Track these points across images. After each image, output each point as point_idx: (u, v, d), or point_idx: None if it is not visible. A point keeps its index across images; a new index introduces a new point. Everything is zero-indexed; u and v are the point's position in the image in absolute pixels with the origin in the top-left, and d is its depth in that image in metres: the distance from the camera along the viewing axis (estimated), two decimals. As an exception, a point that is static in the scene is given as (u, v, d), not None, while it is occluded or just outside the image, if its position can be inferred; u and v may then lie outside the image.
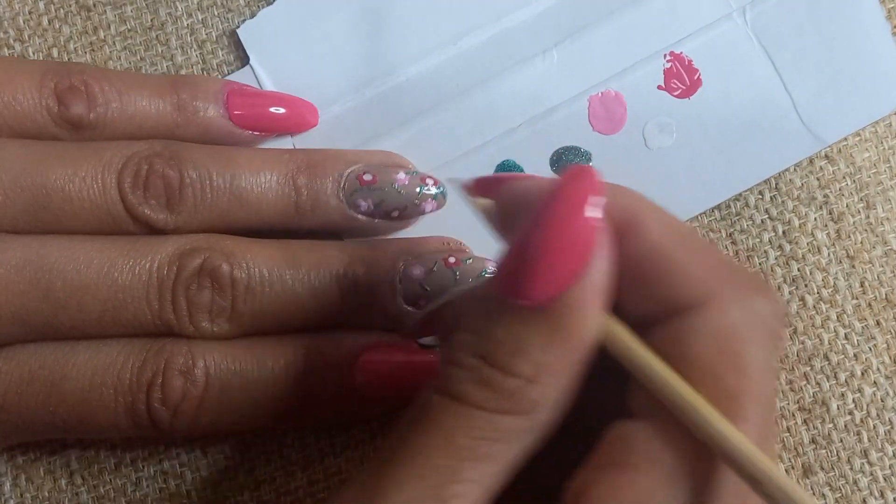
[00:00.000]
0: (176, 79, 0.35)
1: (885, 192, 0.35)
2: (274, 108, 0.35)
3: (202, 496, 0.34)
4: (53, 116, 0.33)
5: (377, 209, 0.33)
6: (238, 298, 0.32)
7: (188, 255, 0.32)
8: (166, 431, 0.31)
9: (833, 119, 0.35)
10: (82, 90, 0.33)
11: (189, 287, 0.31)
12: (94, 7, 0.38)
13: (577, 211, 0.23)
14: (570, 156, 0.36)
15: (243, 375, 0.32)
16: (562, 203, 0.23)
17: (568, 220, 0.23)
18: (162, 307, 0.31)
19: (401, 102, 0.36)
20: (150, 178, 0.32)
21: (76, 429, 0.32)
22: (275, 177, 0.33)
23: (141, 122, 0.34)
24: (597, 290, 0.23)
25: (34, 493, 0.35)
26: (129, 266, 0.31)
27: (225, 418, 0.32)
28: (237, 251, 0.32)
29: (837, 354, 0.34)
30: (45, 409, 0.31)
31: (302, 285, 0.32)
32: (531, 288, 0.23)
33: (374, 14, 0.37)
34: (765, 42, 0.35)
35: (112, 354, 0.31)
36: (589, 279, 0.23)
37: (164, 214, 0.32)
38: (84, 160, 0.32)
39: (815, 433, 0.34)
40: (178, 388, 0.31)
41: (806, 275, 0.35)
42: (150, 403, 0.31)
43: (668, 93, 0.35)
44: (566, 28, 0.36)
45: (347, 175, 0.33)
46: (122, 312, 0.31)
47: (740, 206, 0.35)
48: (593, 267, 0.23)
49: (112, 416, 0.31)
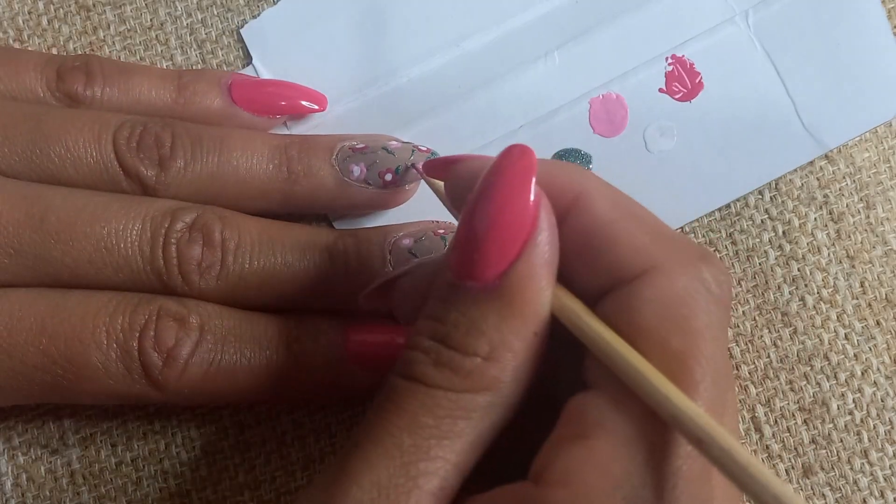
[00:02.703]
0: (179, 70, 0.36)
1: (885, 192, 0.36)
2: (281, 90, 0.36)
3: (202, 496, 0.34)
4: (52, 90, 0.34)
5: (370, 172, 0.34)
6: (227, 256, 0.32)
7: (182, 210, 0.32)
8: (157, 382, 0.31)
9: (835, 124, 0.35)
10: (82, 69, 0.34)
11: (180, 238, 0.31)
12: (94, 7, 0.38)
13: (515, 189, 0.24)
14: (571, 158, 0.36)
15: (237, 333, 0.31)
16: (499, 183, 0.24)
17: (507, 198, 0.24)
18: (153, 255, 0.31)
19: (403, 103, 0.36)
20: (144, 137, 0.32)
21: (68, 374, 0.31)
22: (267, 146, 0.34)
23: (139, 101, 0.34)
24: (544, 265, 0.24)
25: (35, 493, 0.34)
26: (124, 212, 0.31)
27: (215, 377, 0.31)
28: (229, 216, 0.33)
29: (837, 354, 0.34)
30: (36, 347, 0.30)
31: (292, 253, 0.32)
32: (479, 269, 0.24)
33: (377, 15, 0.37)
34: (767, 46, 0.36)
35: (104, 299, 0.31)
36: (535, 254, 0.24)
37: (154, 171, 0.32)
38: (83, 116, 0.33)
39: (815, 433, 0.34)
40: (171, 334, 0.31)
41: (806, 275, 0.35)
42: (142, 346, 0.30)
43: (669, 96, 0.36)
44: (568, 31, 0.36)
45: (340, 147, 0.34)
46: (114, 255, 0.31)
47: (740, 206, 0.36)
48: (538, 242, 0.24)
49: (103, 359, 0.30)
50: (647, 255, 0.24)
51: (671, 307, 0.23)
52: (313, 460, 0.34)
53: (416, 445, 0.24)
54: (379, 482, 0.24)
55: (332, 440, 0.35)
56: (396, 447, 0.24)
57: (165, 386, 0.31)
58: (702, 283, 0.24)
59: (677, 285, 0.24)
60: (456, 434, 0.24)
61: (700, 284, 0.24)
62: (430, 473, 0.24)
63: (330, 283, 0.33)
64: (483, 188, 0.24)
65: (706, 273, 0.24)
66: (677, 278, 0.24)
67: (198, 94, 0.35)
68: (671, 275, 0.24)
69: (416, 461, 0.24)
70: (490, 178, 0.24)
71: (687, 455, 0.23)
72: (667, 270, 0.24)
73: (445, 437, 0.24)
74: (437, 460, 0.24)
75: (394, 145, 0.34)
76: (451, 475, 0.24)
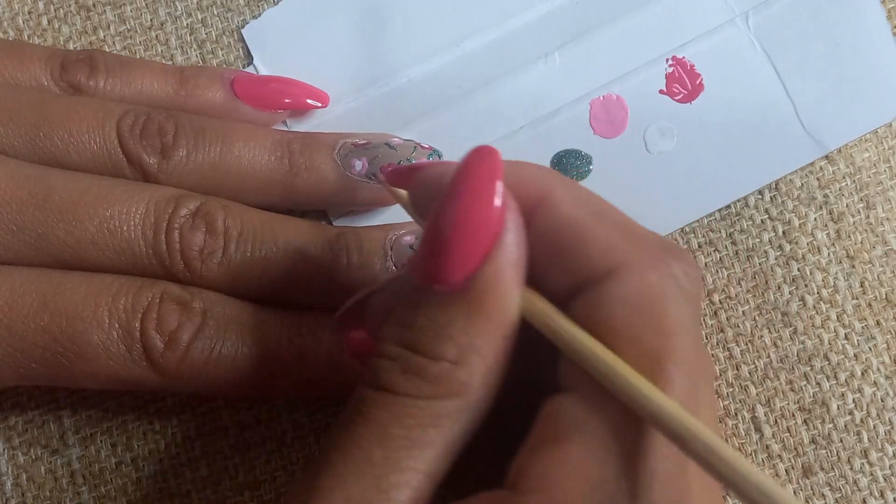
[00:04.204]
0: (183, 66, 0.36)
1: (885, 192, 0.36)
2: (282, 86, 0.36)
3: (202, 496, 0.34)
4: (56, 80, 0.34)
5: (372, 167, 0.34)
6: (229, 244, 0.32)
7: (185, 197, 0.32)
8: (158, 365, 0.30)
9: (834, 125, 0.35)
10: (86, 62, 0.34)
11: (183, 224, 0.31)
12: (94, 7, 0.38)
13: (481, 192, 0.24)
14: (571, 159, 0.36)
15: (239, 322, 0.31)
16: (464, 186, 0.24)
17: (472, 202, 0.24)
18: (156, 239, 0.31)
19: (403, 103, 0.36)
20: (147, 126, 0.32)
21: (68, 352, 0.30)
22: (270, 140, 0.34)
23: (141, 93, 0.35)
24: (511, 267, 0.24)
25: (35, 493, 0.34)
26: (128, 196, 0.31)
27: (216, 364, 0.31)
28: (231, 206, 0.33)
29: (837, 354, 0.34)
30: (37, 323, 0.30)
31: (294, 245, 0.32)
32: (445, 272, 0.24)
33: (378, 15, 0.37)
34: (767, 47, 0.36)
35: (107, 280, 0.31)
36: (502, 256, 0.24)
37: (156, 159, 0.32)
38: (87, 103, 0.33)
39: (815, 433, 0.34)
40: (173, 317, 0.30)
41: (806, 275, 0.35)
42: (144, 327, 0.30)
43: (669, 97, 0.36)
44: (569, 31, 0.36)
45: (342, 142, 0.34)
46: (117, 237, 0.31)
47: (740, 206, 0.36)
48: (505, 244, 0.24)
49: (105, 338, 0.30)
50: (615, 253, 0.24)
51: (642, 305, 0.23)
52: (313, 460, 0.34)
53: (386, 458, 0.24)
54: (350, 498, 0.23)
55: (333, 440, 0.35)
56: (366, 461, 0.24)
57: (166, 369, 0.31)
58: (672, 279, 0.24)
59: (647, 282, 0.23)
60: (426, 443, 0.24)
61: (670, 280, 0.24)
62: (401, 485, 0.23)
63: (331, 277, 0.32)
64: (450, 190, 0.24)
65: (676, 268, 0.24)
66: (647, 275, 0.24)
67: (200, 88, 0.35)
68: (640, 272, 0.24)
69: (386, 474, 0.23)
70: (456, 180, 0.24)
71: (662, 456, 0.23)
72: (636, 267, 0.24)
73: (415, 446, 0.24)
74: (408, 471, 0.24)
75: (396, 141, 0.34)
76: (424, 485, 0.24)
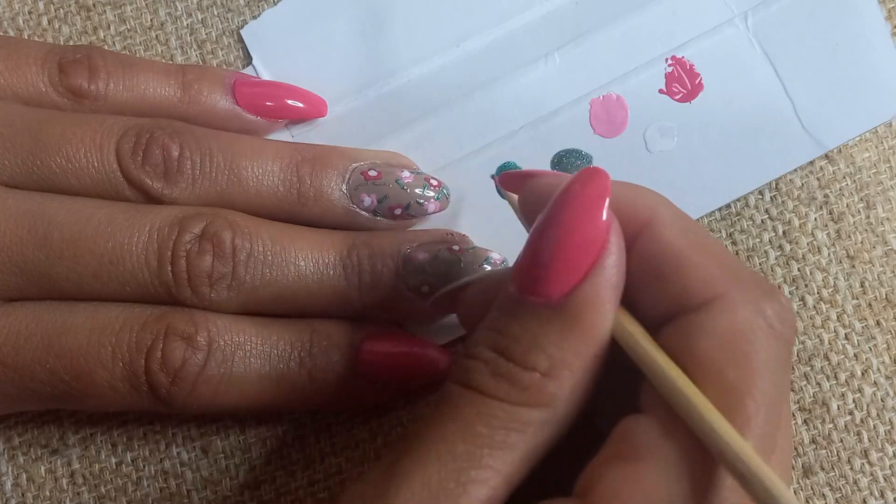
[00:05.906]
0: (184, 65, 0.35)
1: (885, 192, 0.36)
2: (283, 94, 0.35)
3: (202, 496, 0.34)
4: (55, 84, 0.33)
5: (380, 205, 0.33)
6: (239, 266, 0.31)
7: (190, 219, 0.31)
8: (165, 400, 0.31)
9: (834, 124, 0.35)
10: (85, 63, 0.33)
11: (190, 250, 0.31)
12: (94, 7, 0.38)
13: (588, 212, 0.24)
14: (571, 158, 0.36)
15: (247, 348, 0.31)
16: (572, 205, 0.24)
17: (579, 221, 0.24)
18: (161, 268, 0.31)
19: (403, 104, 0.36)
20: (150, 147, 0.32)
21: (74, 391, 0.31)
22: (278, 163, 0.33)
23: (144, 98, 0.34)
24: (609, 288, 0.24)
25: (35, 493, 0.34)
26: (129, 224, 0.31)
27: (225, 393, 0.31)
28: (240, 221, 0.32)
29: (837, 354, 0.34)
30: (43, 366, 0.30)
31: (305, 262, 0.32)
32: (545, 287, 0.24)
33: (377, 15, 0.37)
34: (766, 47, 0.36)
35: (111, 316, 0.31)
36: (601, 277, 0.24)
37: (160, 184, 0.32)
38: (84, 123, 0.32)
39: (815, 433, 0.34)
40: (178, 354, 0.30)
41: (806, 275, 0.35)
42: (148, 367, 0.30)
43: (669, 97, 0.36)
44: (568, 31, 0.36)
45: (352, 170, 0.33)
46: (120, 269, 0.31)
47: (740, 206, 0.36)
48: (605, 265, 0.24)
49: (109, 377, 0.30)
50: (712, 286, 0.24)
51: (731, 340, 0.23)
52: (313, 460, 0.34)
53: (468, 452, 0.24)
54: (430, 484, 0.23)
55: (333, 440, 0.35)
56: (449, 452, 0.24)
57: (173, 403, 0.31)
58: (764, 319, 0.24)
59: (739, 319, 0.24)
60: (509, 446, 0.24)
61: (762, 320, 0.24)
62: (480, 482, 0.23)
63: (343, 296, 0.32)
64: (555, 208, 0.24)
65: (769, 309, 0.24)
66: (740, 312, 0.24)
67: (202, 93, 0.34)
68: (734, 307, 0.24)
69: (467, 468, 0.23)
70: (563, 199, 0.24)
71: (731, 488, 0.23)
72: (730, 303, 0.24)
73: (498, 447, 0.24)
74: (488, 469, 0.24)
75: (406, 178, 0.34)
76: (500, 487, 0.24)
